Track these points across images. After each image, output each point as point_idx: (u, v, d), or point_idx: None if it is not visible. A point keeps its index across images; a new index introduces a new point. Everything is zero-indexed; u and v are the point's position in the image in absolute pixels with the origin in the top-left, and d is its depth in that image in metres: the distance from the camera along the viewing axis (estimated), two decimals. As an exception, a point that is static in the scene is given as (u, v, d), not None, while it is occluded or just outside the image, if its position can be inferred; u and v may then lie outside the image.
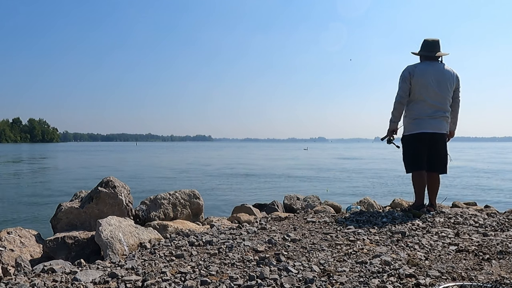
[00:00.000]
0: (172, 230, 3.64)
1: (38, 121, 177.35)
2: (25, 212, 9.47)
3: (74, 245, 3.27)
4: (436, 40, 4.23)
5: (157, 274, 2.31)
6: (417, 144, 4.19)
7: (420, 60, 4.30)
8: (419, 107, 4.15)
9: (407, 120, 4.28)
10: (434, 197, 4.29)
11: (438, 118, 4.15)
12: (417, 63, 4.26)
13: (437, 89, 4.10)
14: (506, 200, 11.67)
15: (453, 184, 15.94)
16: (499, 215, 4.12)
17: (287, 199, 5.42)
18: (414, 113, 4.19)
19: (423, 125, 4.14)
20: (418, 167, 4.20)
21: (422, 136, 4.15)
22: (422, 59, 4.28)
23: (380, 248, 2.75)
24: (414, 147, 4.22)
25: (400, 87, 4.20)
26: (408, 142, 4.29)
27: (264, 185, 15.93)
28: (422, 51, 4.26)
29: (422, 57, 4.28)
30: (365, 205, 4.99)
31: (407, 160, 4.34)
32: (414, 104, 4.19)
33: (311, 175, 20.63)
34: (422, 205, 4.22)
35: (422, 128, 4.14)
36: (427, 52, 4.23)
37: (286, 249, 2.78)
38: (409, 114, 4.24)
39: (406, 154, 4.34)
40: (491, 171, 22.64)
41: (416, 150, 4.20)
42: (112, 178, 4.12)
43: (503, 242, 2.84)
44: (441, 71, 4.14)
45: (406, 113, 4.28)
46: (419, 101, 4.14)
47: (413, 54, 4.35)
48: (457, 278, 2.15)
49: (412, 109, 4.21)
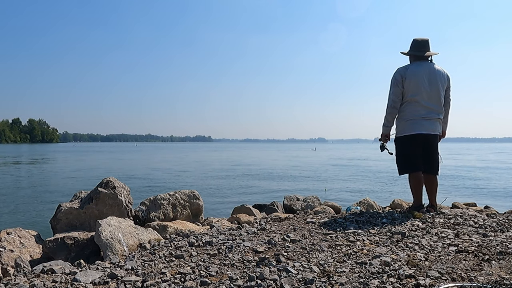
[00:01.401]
0: (172, 231, 3.63)
1: (38, 122, 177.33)
2: (24, 213, 9.47)
3: (74, 245, 3.27)
4: (425, 40, 4.17)
5: (156, 274, 2.31)
6: (411, 146, 4.15)
7: (409, 60, 4.26)
8: (413, 108, 4.10)
9: (400, 121, 4.23)
10: (433, 198, 4.28)
11: (432, 119, 4.14)
12: (408, 64, 4.20)
13: (430, 90, 4.07)
14: (506, 200, 11.68)
15: (453, 184, 15.94)
16: (499, 215, 4.12)
17: (287, 200, 5.42)
18: (408, 115, 4.13)
19: (417, 127, 4.10)
20: (413, 168, 4.18)
21: (416, 137, 4.12)
22: (412, 59, 4.23)
23: (380, 249, 2.75)
24: (408, 148, 4.18)
25: (393, 91, 4.13)
26: (402, 144, 4.24)
27: (264, 185, 15.94)
28: (411, 51, 4.20)
29: (412, 57, 4.23)
30: (365, 206, 4.99)
31: (400, 161, 4.30)
32: (407, 105, 4.14)
33: (315, 175, 20.64)
34: (421, 205, 4.21)
35: (416, 129, 4.10)
36: (417, 51, 4.17)
37: (286, 249, 2.78)
38: (403, 116, 4.18)
39: (399, 155, 4.30)
40: (491, 172, 22.64)
41: (410, 151, 4.17)
42: (112, 178, 4.12)
43: (503, 243, 2.83)
44: (432, 71, 4.10)
45: (399, 115, 4.22)
46: (412, 102, 4.10)
47: (402, 54, 4.29)
48: (457, 278, 2.15)
49: (405, 110, 4.15)
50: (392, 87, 4.15)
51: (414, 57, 4.21)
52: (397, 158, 4.33)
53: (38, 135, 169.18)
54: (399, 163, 4.31)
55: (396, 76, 4.12)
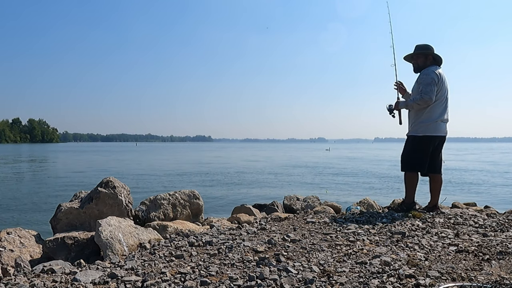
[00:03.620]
0: (172, 231, 3.63)
1: (38, 122, 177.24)
2: (24, 213, 9.47)
3: (74, 245, 3.27)
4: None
5: (156, 274, 2.31)
6: (428, 146, 4.23)
7: (426, 63, 4.27)
8: (438, 111, 4.19)
9: (423, 121, 4.23)
10: (438, 197, 4.38)
11: (447, 121, 4.32)
12: (435, 66, 4.24)
13: (448, 94, 4.27)
14: (506, 200, 11.67)
15: (453, 184, 15.95)
16: (499, 215, 4.12)
17: (287, 200, 5.42)
18: (433, 116, 4.19)
19: (438, 129, 4.22)
20: (420, 168, 4.27)
21: (435, 139, 4.23)
22: (432, 62, 4.28)
23: (380, 249, 2.75)
24: (423, 148, 4.23)
25: (431, 89, 4.10)
26: (420, 143, 4.25)
27: (264, 185, 15.94)
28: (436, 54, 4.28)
29: (433, 60, 4.28)
30: (365, 206, 4.99)
31: (409, 158, 4.32)
32: (434, 107, 4.19)
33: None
34: (413, 203, 4.34)
35: (437, 131, 4.22)
36: (438, 57, 4.29)
37: (286, 249, 2.78)
38: (428, 116, 4.20)
39: (412, 152, 4.31)
40: (491, 172, 22.65)
41: (424, 151, 4.24)
42: (112, 178, 4.12)
43: (503, 243, 2.84)
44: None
45: (423, 115, 4.23)
46: (439, 105, 4.20)
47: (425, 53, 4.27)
48: (457, 278, 2.15)
49: (431, 111, 4.19)
50: (430, 85, 4.12)
51: (436, 61, 4.29)
52: (409, 155, 4.36)
53: (38, 135, 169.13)
54: (409, 160, 4.35)
55: (433, 76, 4.14)
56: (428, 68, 4.22)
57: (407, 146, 4.37)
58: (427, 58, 4.28)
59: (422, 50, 4.29)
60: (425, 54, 4.28)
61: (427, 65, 4.25)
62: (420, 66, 4.30)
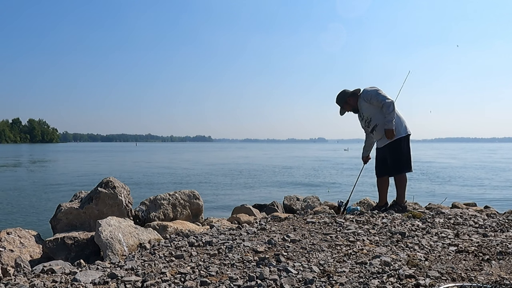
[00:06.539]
0: (172, 231, 3.64)
1: (38, 122, 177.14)
2: (24, 213, 9.47)
3: (74, 245, 3.27)
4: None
5: (156, 274, 2.31)
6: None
7: (355, 100, 4.57)
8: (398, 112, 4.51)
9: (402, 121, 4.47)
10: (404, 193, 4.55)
11: None
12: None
13: None
14: (506, 200, 11.67)
15: (453, 184, 15.95)
16: (499, 215, 4.12)
17: (286, 200, 5.42)
18: (401, 116, 4.49)
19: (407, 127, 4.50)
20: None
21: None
22: (355, 96, 4.59)
23: (379, 249, 2.75)
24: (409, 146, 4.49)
25: (383, 94, 4.39)
26: (407, 142, 4.48)
27: (265, 185, 15.94)
28: (351, 93, 4.62)
29: (354, 96, 4.58)
30: (365, 206, 4.99)
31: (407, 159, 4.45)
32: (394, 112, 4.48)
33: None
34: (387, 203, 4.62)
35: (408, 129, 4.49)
36: (354, 91, 4.63)
37: (286, 249, 2.78)
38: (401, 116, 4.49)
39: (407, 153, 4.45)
40: (491, 171, 22.65)
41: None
42: (111, 178, 4.12)
43: (503, 243, 2.84)
44: None
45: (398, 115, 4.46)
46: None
47: (345, 99, 4.59)
48: (457, 278, 2.15)
49: (397, 112, 4.47)
50: (378, 92, 4.41)
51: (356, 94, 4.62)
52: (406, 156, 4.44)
53: (38, 135, 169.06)
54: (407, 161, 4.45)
55: (374, 88, 4.47)
56: (361, 94, 4.50)
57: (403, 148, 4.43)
58: (352, 97, 4.57)
59: (344, 98, 4.58)
60: (347, 98, 4.58)
61: (356, 98, 4.55)
62: (354, 106, 4.59)
